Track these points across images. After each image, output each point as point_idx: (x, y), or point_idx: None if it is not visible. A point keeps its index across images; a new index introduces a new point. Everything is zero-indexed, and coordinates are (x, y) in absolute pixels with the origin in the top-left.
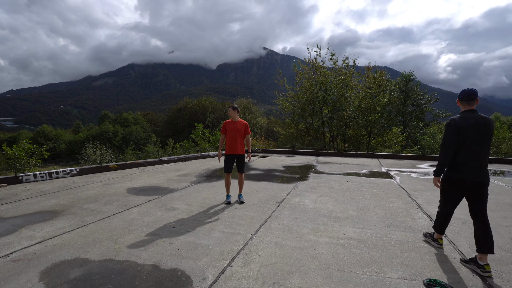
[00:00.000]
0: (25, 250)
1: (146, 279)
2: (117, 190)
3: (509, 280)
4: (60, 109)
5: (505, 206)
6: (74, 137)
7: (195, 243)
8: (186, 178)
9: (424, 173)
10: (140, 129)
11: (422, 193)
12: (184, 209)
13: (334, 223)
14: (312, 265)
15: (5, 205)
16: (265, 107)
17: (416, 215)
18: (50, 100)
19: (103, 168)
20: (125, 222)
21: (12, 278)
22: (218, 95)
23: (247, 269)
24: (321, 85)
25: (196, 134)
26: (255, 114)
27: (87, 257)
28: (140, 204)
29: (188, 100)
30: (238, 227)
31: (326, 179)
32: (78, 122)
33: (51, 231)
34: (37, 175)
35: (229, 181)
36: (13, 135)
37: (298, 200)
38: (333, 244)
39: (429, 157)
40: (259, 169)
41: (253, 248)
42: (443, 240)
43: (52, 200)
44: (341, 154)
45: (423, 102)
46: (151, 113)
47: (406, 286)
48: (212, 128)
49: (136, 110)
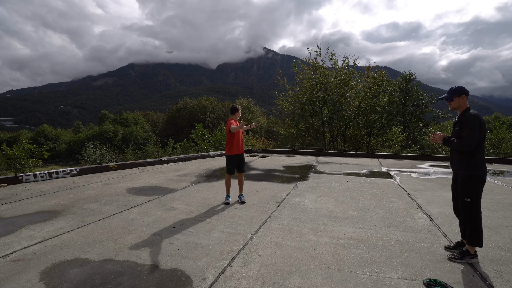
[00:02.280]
0: (25, 250)
1: (146, 279)
2: (117, 190)
3: (509, 280)
4: (60, 109)
5: (505, 206)
6: (74, 137)
7: (195, 243)
8: (186, 178)
9: (424, 173)
10: (140, 129)
11: (422, 193)
12: (184, 209)
13: (334, 223)
14: (312, 265)
15: (5, 205)
16: (265, 107)
17: (416, 215)
18: (50, 100)
19: (103, 168)
20: (125, 222)
21: (12, 278)
22: (218, 95)
23: (247, 269)
24: (321, 85)
25: (196, 134)
26: (255, 114)
27: (87, 257)
28: (140, 204)
29: (188, 100)
30: (238, 227)
31: (326, 179)
32: (78, 122)
33: (51, 231)
34: (37, 175)
35: (230, 182)
36: (13, 135)
37: (298, 200)
38: (333, 244)
39: (429, 157)
40: (259, 169)
41: (253, 248)
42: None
43: (52, 200)
44: (341, 154)
45: (423, 102)
46: (151, 113)
47: (406, 286)
48: (212, 128)
49: (136, 110)
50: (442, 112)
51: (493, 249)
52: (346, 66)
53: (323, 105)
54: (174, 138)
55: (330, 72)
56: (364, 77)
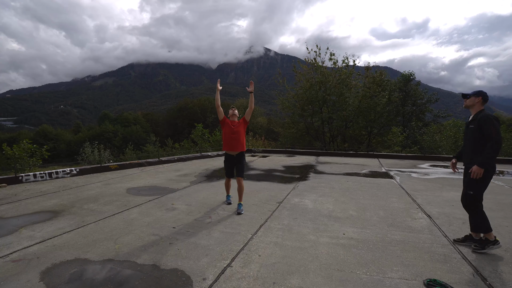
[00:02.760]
0: (25, 250)
1: (146, 279)
2: (117, 190)
3: (509, 280)
4: (60, 109)
5: (505, 206)
6: (74, 137)
7: (195, 243)
8: (186, 178)
9: (424, 173)
10: (140, 129)
11: (422, 193)
12: (184, 209)
13: (334, 223)
14: (312, 265)
15: (5, 205)
16: (265, 107)
17: (416, 215)
18: (50, 100)
19: (103, 168)
20: (125, 222)
21: (12, 278)
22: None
23: (247, 269)
24: (320, 85)
25: (196, 134)
26: (255, 114)
27: (87, 257)
28: (140, 204)
29: (188, 100)
30: (238, 227)
31: (326, 179)
32: (78, 122)
33: (51, 231)
34: (37, 175)
35: (229, 184)
36: (13, 135)
37: (298, 200)
38: (333, 244)
39: (429, 157)
40: (259, 169)
41: (253, 248)
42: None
43: (52, 200)
44: (341, 154)
45: (423, 102)
46: (151, 113)
47: (406, 286)
48: (212, 128)
49: (136, 110)
50: (442, 112)
51: (493, 249)
52: (346, 66)
53: (323, 105)
54: (174, 138)
55: (329, 72)
56: (364, 77)
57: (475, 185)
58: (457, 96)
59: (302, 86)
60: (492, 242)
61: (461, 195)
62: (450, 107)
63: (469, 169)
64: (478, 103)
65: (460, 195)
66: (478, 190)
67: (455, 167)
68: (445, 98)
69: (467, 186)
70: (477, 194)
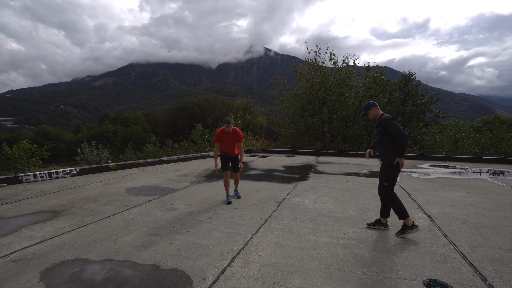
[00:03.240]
0: (25, 250)
1: (146, 279)
2: (117, 190)
3: (509, 280)
4: (60, 109)
5: (505, 206)
6: (74, 137)
7: (195, 243)
8: (186, 178)
9: (424, 173)
10: (140, 129)
11: (422, 193)
12: (184, 209)
13: (334, 223)
14: (312, 265)
15: (5, 205)
16: (265, 107)
17: (416, 215)
18: (50, 100)
19: (103, 168)
20: (125, 222)
21: (12, 278)
22: (218, 95)
23: (247, 269)
24: (320, 85)
25: (196, 134)
26: (255, 114)
27: (87, 257)
28: (140, 204)
29: (188, 100)
30: (238, 227)
31: (326, 179)
32: (78, 122)
33: (51, 231)
34: (37, 175)
35: (228, 180)
36: (13, 135)
37: (298, 200)
38: (333, 244)
39: (429, 157)
40: (259, 169)
41: (253, 248)
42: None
43: (52, 200)
44: (341, 154)
45: (423, 102)
46: (151, 113)
47: (406, 286)
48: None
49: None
50: (442, 111)
51: (493, 249)
52: (346, 66)
53: (323, 105)
54: (174, 138)
55: (330, 72)
56: (364, 77)
57: (389, 177)
58: (457, 96)
59: (302, 86)
60: (410, 227)
61: (378, 187)
62: (450, 107)
63: (383, 164)
64: (376, 110)
65: (460, 195)
66: (391, 181)
67: (369, 155)
68: (445, 98)
69: (382, 178)
70: (390, 184)
